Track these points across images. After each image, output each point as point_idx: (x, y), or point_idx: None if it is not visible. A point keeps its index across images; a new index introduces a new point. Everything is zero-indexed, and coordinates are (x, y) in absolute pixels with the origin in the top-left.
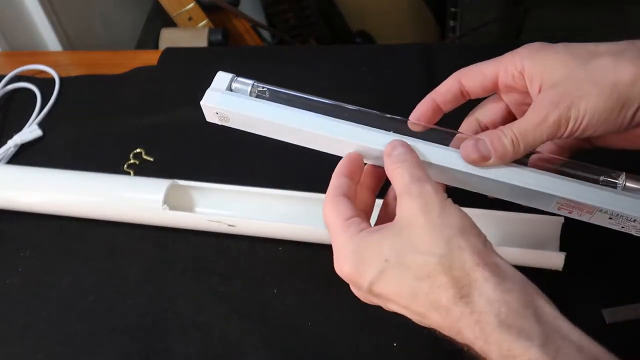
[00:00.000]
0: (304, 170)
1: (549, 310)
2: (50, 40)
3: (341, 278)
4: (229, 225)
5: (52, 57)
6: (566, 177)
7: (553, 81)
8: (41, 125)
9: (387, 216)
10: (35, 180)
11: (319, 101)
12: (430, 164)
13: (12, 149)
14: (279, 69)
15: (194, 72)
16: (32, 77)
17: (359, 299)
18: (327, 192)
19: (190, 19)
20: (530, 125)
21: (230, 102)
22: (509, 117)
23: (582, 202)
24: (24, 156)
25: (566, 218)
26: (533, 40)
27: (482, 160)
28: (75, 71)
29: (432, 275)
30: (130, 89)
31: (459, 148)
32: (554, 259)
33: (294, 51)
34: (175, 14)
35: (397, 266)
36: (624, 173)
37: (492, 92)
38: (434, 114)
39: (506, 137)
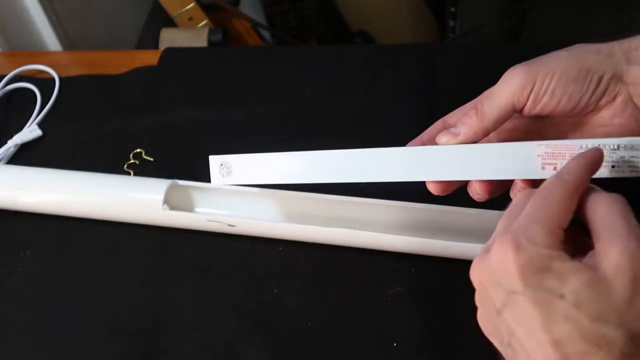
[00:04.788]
0: None
1: None
2: (50, 40)
3: (340, 278)
4: (229, 225)
5: (52, 57)
6: None
7: None
8: (41, 125)
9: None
10: (35, 180)
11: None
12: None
13: (12, 149)
14: (279, 69)
15: (194, 72)
16: (32, 77)
17: (358, 299)
18: (567, 179)
19: (190, 19)
20: (497, 87)
21: (237, 155)
22: None
23: (562, 144)
24: (24, 156)
25: None
26: (533, 40)
27: (453, 137)
28: (75, 71)
29: (602, 346)
30: (130, 89)
31: None
32: None
33: (294, 51)
34: (175, 14)
35: (568, 310)
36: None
37: None
38: None
39: (472, 110)
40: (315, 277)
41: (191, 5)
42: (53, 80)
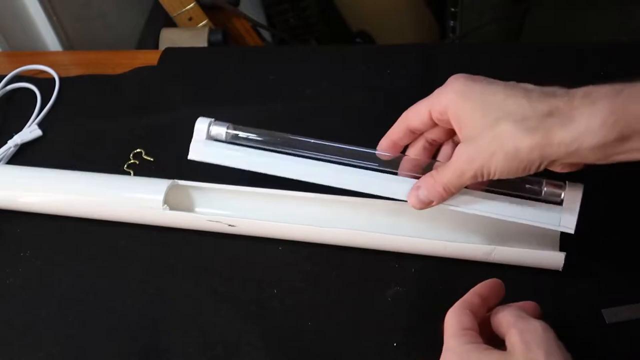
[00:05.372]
0: None
1: None
2: (50, 40)
3: (340, 278)
4: (229, 225)
5: (52, 57)
6: (491, 195)
7: (468, 134)
8: (41, 125)
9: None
10: (35, 180)
11: (289, 138)
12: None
13: (12, 149)
14: (279, 69)
15: (194, 72)
16: (32, 77)
17: (358, 299)
18: (457, 302)
19: (190, 19)
20: (455, 178)
21: (208, 155)
22: (430, 122)
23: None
24: (24, 156)
25: None
26: (533, 40)
27: (427, 205)
28: (75, 71)
29: None
30: (130, 89)
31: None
32: (554, 259)
33: (294, 51)
34: (175, 14)
35: None
36: (544, 180)
37: (431, 125)
38: (394, 150)
39: (439, 187)
40: (315, 277)
41: (191, 5)
42: (53, 80)
